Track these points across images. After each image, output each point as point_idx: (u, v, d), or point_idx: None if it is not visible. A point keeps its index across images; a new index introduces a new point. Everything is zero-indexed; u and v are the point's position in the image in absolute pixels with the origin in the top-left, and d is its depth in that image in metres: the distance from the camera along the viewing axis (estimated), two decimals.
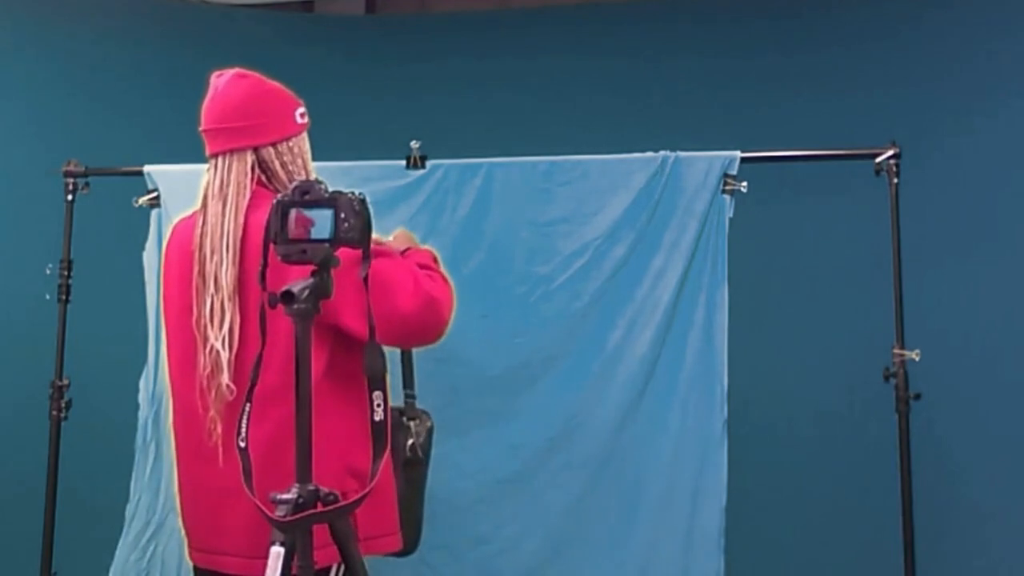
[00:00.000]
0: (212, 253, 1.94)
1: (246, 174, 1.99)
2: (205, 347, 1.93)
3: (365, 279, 1.78)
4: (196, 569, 2.08)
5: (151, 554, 2.69)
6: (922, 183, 2.76)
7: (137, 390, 2.76)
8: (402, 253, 2.14)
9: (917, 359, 2.51)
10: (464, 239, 2.58)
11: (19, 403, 3.24)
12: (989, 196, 3.35)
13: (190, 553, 2.07)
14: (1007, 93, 3.38)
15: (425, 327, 2.01)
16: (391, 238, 2.26)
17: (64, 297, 2.90)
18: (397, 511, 2.07)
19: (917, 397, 2.52)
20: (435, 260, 2.16)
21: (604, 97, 3.74)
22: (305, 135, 2.10)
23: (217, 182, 1.99)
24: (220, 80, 2.08)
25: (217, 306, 1.93)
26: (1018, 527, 3.18)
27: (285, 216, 1.74)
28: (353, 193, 1.79)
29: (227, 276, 1.92)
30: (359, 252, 1.80)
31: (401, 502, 2.09)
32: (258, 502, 1.73)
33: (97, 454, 3.10)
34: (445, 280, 2.08)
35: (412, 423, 2.25)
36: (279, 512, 1.68)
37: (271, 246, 1.75)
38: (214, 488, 1.96)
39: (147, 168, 2.81)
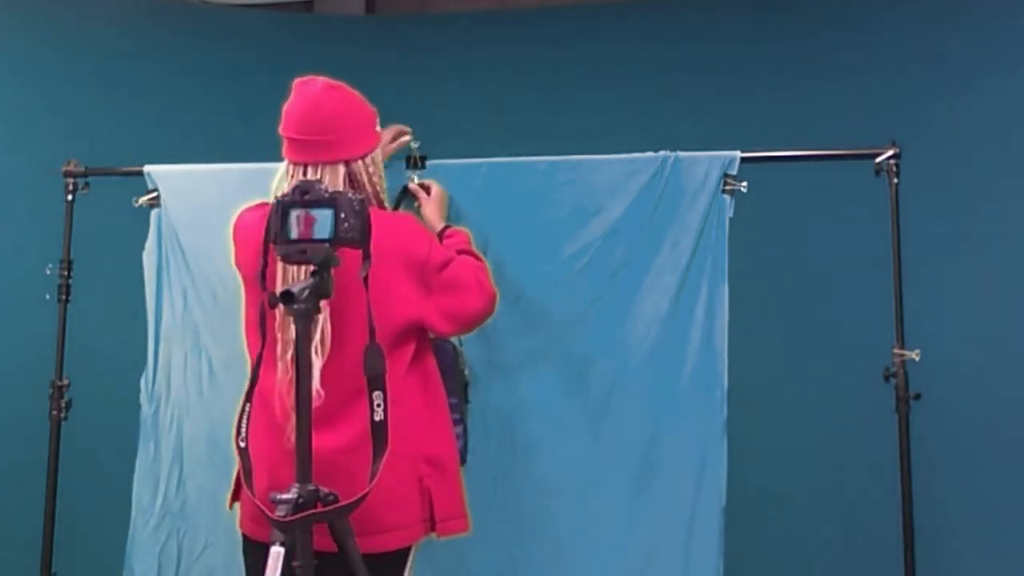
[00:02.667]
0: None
1: (337, 186, 2.01)
2: (288, 353, 1.94)
3: (365, 279, 1.79)
4: (246, 539, 2.10)
5: (160, 551, 2.69)
6: (922, 183, 2.76)
7: (138, 390, 2.76)
8: (440, 233, 2.30)
9: (917, 359, 2.51)
10: None
11: (19, 403, 3.25)
12: (989, 196, 3.35)
13: (243, 523, 2.11)
14: (1009, 92, 3.38)
15: (484, 318, 2.22)
16: (424, 192, 2.46)
17: (64, 297, 2.89)
18: (464, 494, 2.15)
19: (917, 397, 2.52)
20: (469, 242, 2.31)
21: (605, 97, 3.74)
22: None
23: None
24: (309, 89, 2.10)
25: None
26: (1019, 527, 3.18)
27: (285, 216, 1.74)
28: (353, 193, 1.80)
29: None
30: (430, 259, 2.02)
31: (465, 419, 2.37)
32: (258, 502, 1.73)
33: (97, 454, 3.11)
34: (484, 264, 2.26)
35: (462, 347, 2.47)
36: (279, 512, 1.68)
37: (271, 246, 1.76)
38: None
39: (147, 168, 2.80)
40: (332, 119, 2.06)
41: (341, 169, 2.05)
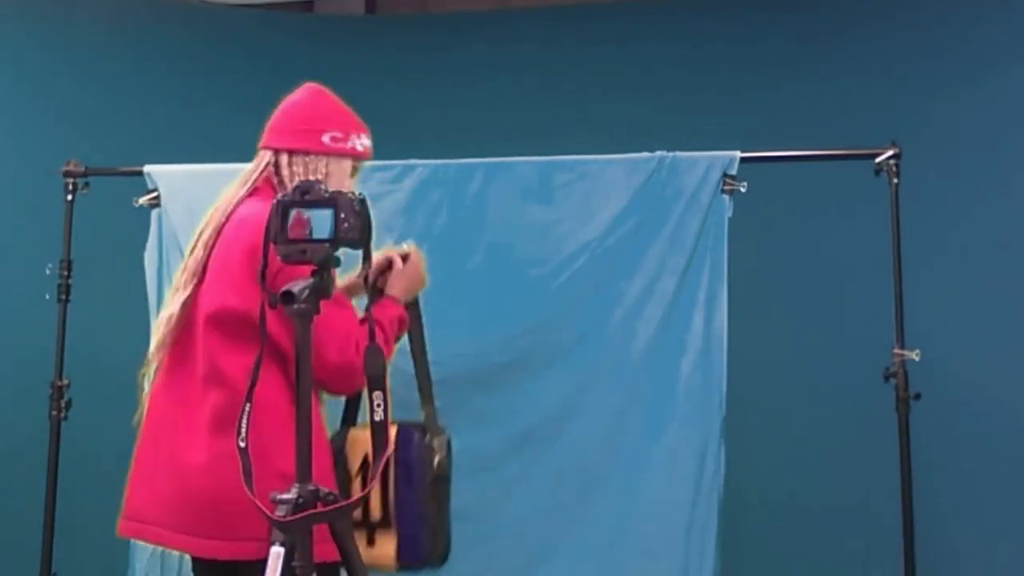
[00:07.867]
0: (202, 231, 2.03)
1: (257, 169, 2.06)
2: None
3: (365, 279, 1.79)
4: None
5: (149, 554, 2.69)
6: (922, 183, 2.76)
7: (138, 389, 2.75)
8: (380, 296, 2.08)
9: (917, 359, 2.50)
10: (462, 241, 2.57)
11: (19, 403, 3.24)
12: (989, 196, 3.35)
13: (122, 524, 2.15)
14: (1008, 92, 3.38)
15: (332, 384, 1.99)
16: (405, 247, 2.19)
17: (64, 297, 2.90)
18: None
19: (917, 397, 2.52)
20: (400, 323, 2.09)
21: (604, 97, 3.74)
22: (337, 159, 2.07)
23: (244, 171, 2.09)
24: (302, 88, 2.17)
25: (179, 279, 2.04)
26: (1018, 527, 3.18)
27: (285, 216, 1.74)
28: (353, 193, 1.79)
29: (191, 256, 2.01)
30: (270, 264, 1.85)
31: (432, 519, 2.09)
32: (258, 502, 1.73)
33: (97, 454, 3.10)
34: (363, 342, 1.94)
35: (435, 440, 2.16)
36: (279, 512, 1.68)
37: (271, 246, 1.76)
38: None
39: (147, 168, 2.80)
40: (283, 108, 2.11)
41: (267, 156, 2.07)
